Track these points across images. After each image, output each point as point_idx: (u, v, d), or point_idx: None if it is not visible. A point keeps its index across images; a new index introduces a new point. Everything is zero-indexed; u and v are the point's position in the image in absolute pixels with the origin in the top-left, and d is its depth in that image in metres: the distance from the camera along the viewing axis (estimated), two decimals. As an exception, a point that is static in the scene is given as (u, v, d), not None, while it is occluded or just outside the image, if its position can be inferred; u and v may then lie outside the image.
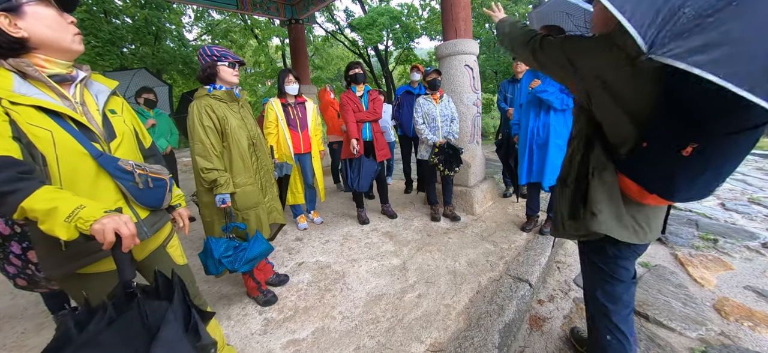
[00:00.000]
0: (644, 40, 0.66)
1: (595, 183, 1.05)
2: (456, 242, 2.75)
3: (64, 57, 0.93)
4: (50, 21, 0.88)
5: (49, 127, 0.87)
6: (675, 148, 0.83)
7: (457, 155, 2.99)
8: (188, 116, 1.79)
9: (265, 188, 2.01)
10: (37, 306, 2.16)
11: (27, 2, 0.84)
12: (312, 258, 2.63)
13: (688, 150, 0.81)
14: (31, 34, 0.85)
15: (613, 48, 0.92)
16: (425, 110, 3.05)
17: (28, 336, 1.91)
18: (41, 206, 0.77)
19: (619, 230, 1.06)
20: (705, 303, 2.00)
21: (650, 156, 0.90)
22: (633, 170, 0.96)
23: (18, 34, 0.84)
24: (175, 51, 11.30)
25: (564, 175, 1.23)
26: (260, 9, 5.73)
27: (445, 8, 3.34)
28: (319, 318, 1.90)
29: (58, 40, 0.90)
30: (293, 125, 2.92)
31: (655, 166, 0.90)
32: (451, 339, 1.69)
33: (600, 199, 1.04)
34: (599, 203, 1.05)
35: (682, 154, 0.82)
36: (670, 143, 0.84)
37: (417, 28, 14.81)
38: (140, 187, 1.03)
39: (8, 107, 0.81)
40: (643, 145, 0.92)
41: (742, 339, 1.69)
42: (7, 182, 0.76)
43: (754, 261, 2.44)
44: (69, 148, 0.89)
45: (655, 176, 0.91)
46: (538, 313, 2.00)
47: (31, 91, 0.86)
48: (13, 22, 0.83)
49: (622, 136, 0.98)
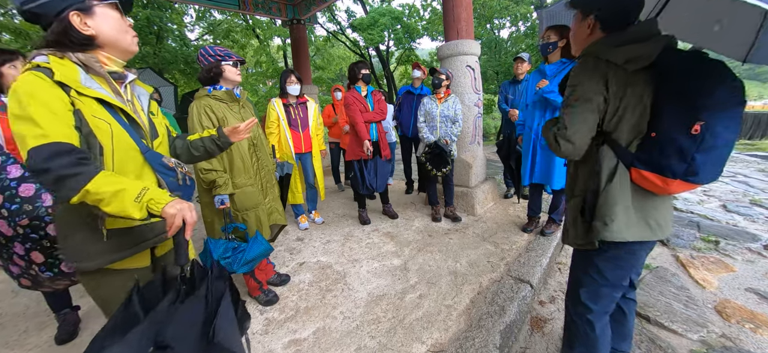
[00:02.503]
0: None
1: (608, 191, 1.05)
2: (457, 243, 2.74)
3: (123, 56, 1.00)
4: (114, 22, 0.95)
5: (108, 120, 0.93)
6: (685, 129, 0.90)
7: (442, 155, 2.98)
8: (188, 116, 1.80)
9: (266, 189, 2.01)
10: (38, 305, 2.16)
11: (97, 3, 0.92)
12: (313, 258, 2.63)
13: (697, 128, 0.88)
14: (98, 33, 0.92)
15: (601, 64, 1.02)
16: (427, 109, 3.06)
17: (30, 335, 1.91)
18: (108, 189, 0.83)
19: (637, 230, 1.07)
20: (706, 305, 1.99)
21: (665, 143, 0.95)
22: (652, 162, 0.98)
23: (87, 32, 0.91)
24: (177, 51, 11.32)
25: (570, 185, 1.23)
26: (262, 9, 5.73)
27: (446, 9, 3.34)
28: (320, 318, 1.91)
29: (119, 40, 0.97)
30: (294, 124, 2.92)
31: (673, 151, 0.93)
32: (452, 339, 1.69)
33: (613, 207, 1.05)
34: (612, 212, 1.05)
35: (694, 133, 0.89)
36: (680, 126, 0.91)
37: (418, 28, 14.82)
38: (179, 183, 1.07)
39: (75, 97, 0.87)
40: (652, 135, 0.98)
41: (744, 342, 1.69)
42: (69, 166, 0.81)
43: (755, 263, 2.43)
44: (123, 141, 0.95)
45: (675, 161, 0.93)
46: (540, 314, 1.99)
47: (93, 84, 0.92)
48: (83, 21, 0.90)
49: (633, 133, 1.03)
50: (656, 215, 1.08)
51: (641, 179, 1.02)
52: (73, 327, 1.88)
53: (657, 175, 0.97)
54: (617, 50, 1.00)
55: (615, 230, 1.05)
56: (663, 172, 0.96)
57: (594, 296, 1.24)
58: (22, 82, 0.81)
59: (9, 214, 1.40)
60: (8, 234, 1.42)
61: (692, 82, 0.90)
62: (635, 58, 0.98)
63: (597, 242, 1.12)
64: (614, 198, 1.05)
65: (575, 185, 1.21)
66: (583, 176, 1.16)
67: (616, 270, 1.18)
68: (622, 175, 1.05)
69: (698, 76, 0.90)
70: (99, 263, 0.97)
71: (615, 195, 1.05)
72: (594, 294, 1.24)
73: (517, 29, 15.03)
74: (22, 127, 0.80)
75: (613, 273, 1.19)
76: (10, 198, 1.40)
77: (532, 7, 13.28)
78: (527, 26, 14.13)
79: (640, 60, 0.98)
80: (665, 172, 0.95)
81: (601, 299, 1.23)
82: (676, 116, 0.93)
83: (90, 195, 0.83)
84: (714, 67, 0.90)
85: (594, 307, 1.24)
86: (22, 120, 0.80)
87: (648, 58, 0.97)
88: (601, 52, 1.04)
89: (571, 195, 1.23)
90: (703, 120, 0.88)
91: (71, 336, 1.84)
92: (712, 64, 0.90)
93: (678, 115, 0.92)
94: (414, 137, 3.93)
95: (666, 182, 0.97)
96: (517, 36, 14.82)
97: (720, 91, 0.88)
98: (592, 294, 1.24)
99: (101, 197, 0.83)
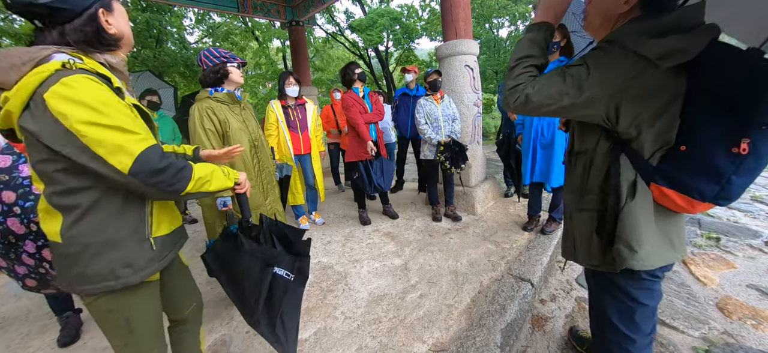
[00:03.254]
0: None
1: (630, 210, 0.90)
2: (457, 242, 2.75)
3: (127, 53, 0.98)
4: (125, 18, 0.91)
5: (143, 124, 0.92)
6: (726, 147, 0.75)
7: (462, 151, 3.00)
8: (189, 118, 1.80)
9: (267, 190, 2.01)
10: (40, 309, 2.17)
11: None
12: (314, 259, 2.63)
13: (744, 147, 0.73)
14: (120, 31, 0.89)
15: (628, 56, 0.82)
16: (427, 111, 3.06)
17: (32, 338, 1.92)
18: (206, 171, 0.96)
19: (663, 254, 0.93)
20: (708, 301, 1.99)
21: (697, 160, 0.80)
22: (677, 180, 0.83)
23: (112, 31, 0.86)
24: (176, 53, 11.33)
25: (576, 196, 1.06)
26: (261, 11, 5.75)
27: (444, 9, 3.34)
28: (321, 318, 1.91)
29: (130, 37, 0.93)
30: (293, 126, 2.93)
31: (706, 170, 0.79)
32: (454, 338, 1.69)
33: (637, 229, 0.90)
34: (637, 235, 0.90)
35: (735, 152, 0.74)
36: (720, 142, 0.76)
37: (417, 28, 14.81)
38: None
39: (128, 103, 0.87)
40: (681, 149, 0.82)
41: (746, 338, 1.69)
42: (176, 159, 0.89)
43: (757, 260, 2.43)
44: None
45: (707, 181, 0.79)
46: (540, 313, 2.00)
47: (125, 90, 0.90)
48: (106, 19, 0.86)
49: (657, 143, 0.86)
50: (677, 232, 0.95)
51: (661, 197, 0.88)
52: (76, 330, 1.88)
53: (682, 195, 0.83)
54: (651, 42, 0.79)
55: (643, 257, 0.90)
56: (690, 193, 0.81)
57: (629, 321, 1.06)
58: (87, 89, 0.76)
59: (22, 211, 1.41)
60: (19, 233, 1.43)
61: (746, 91, 0.73)
62: (673, 53, 0.77)
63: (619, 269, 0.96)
64: (637, 219, 0.90)
65: (584, 196, 1.03)
66: (596, 187, 0.98)
67: (644, 291, 1.03)
68: (644, 191, 0.90)
69: (755, 83, 0.72)
70: (145, 274, 0.93)
71: (637, 215, 0.90)
72: (629, 318, 1.06)
73: (516, 28, 15.03)
74: (111, 136, 0.77)
75: (645, 295, 1.03)
76: (23, 196, 1.41)
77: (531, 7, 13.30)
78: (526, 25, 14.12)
79: (678, 55, 0.77)
80: (693, 193, 0.81)
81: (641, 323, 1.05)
82: (718, 129, 0.76)
83: (199, 180, 0.93)
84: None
85: (635, 336, 1.06)
86: (109, 129, 0.77)
87: (688, 54, 0.76)
88: (632, 40, 0.81)
89: (578, 207, 1.05)
90: (751, 138, 0.72)
91: (73, 339, 1.85)
92: None
93: (720, 128, 0.76)
94: (411, 138, 3.98)
95: (692, 203, 0.83)
96: (515, 35, 14.81)
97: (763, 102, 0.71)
98: (627, 319, 1.06)
99: (207, 179, 0.96)
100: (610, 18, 0.93)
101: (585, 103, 0.87)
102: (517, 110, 0.93)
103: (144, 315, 0.98)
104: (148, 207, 0.95)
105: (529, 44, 0.96)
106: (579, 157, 1.04)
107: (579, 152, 1.04)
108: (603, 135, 0.95)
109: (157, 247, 0.96)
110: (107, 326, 0.95)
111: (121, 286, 0.89)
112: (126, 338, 0.96)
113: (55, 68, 0.76)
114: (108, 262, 0.87)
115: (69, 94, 0.74)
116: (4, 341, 1.91)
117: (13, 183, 1.41)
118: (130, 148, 0.79)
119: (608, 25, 0.94)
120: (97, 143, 0.76)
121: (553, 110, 0.90)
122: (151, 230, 0.94)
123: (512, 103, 0.93)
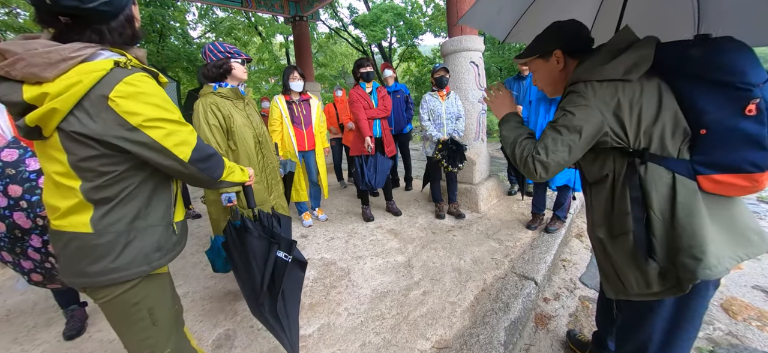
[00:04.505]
0: None
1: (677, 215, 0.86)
2: (461, 240, 2.74)
3: None
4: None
5: None
6: (738, 111, 0.78)
7: (460, 151, 2.98)
8: (194, 113, 1.80)
9: (271, 186, 2.01)
10: (46, 301, 2.19)
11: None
12: (317, 255, 2.64)
13: (752, 108, 0.76)
14: (140, 24, 0.91)
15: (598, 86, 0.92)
16: (431, 107, 3.04)
17: (39, 331, 1.94)
18: (229, 163, 1.08)
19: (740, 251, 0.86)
20: (713, 302, 1.98)
21: (725, 136, 0.81)
22: (722, 163, 0.82)
23: (138, 26, 0.89)
24: (180, 48, 11.33)
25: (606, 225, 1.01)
26: (264, 6, 5.73)
27: (450, 4, 3.31)
28: (324, 314, 1.91)
29: None
30: (297, 122, 2.92)
31: (740, 141, 0.79)
32: (457, 336, 1.69)
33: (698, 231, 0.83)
34: (697, 238, 0.83)
35: (746, 114, 0.77)
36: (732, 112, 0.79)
37: (421, 24, 14.73)
38: None
39: None
40: (702, 132, 0.84)
41: (751, 339, 1.68)
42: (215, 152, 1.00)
43: (762, 261, 2.41)
44: None
45: (750, 150, 0.78)
46: (544, 311, 1.99)
47: None
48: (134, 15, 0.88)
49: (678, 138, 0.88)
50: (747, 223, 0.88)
51: (717, 186, 0.84)
52: (81, 323, 1.90)
53: (737, 175, 0.81)
54: (607, 67, 0.90)
55: (713, 263, 0.82)
56: (743, 167, 0.79)
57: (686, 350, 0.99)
58: (151, 87, 0.82)
59: (28, 206, 1.41)
60: (26, 227, 1.43)
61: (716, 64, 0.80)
62: (634, 66, 0.88)
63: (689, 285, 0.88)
64: (690, 219, 0.84)
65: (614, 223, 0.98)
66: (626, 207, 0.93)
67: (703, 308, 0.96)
68: (685, 187, 0.86)
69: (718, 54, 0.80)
70: (170, 257, 0.99)
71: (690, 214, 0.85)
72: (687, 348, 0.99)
73: (521, 25, 14.88)
74: (177, 129, 0.86)
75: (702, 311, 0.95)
76: (30, 190, 1.42)
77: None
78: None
79: (640, 65, 0.88)
80: (745, 166, 0.79)
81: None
82: (721, 101, 0.80)
83: (228, 169, 1.05)
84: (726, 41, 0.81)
85: None
86: (173, 123, 0.85)
87: (648, 60, 0.88)
88: (591, 75, 0.93)
89: (610, 235, 1.00)
90: (757, 96, 0.75)
91: (79, 332, 1.86)
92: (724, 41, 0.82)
93: (721, 101, 0.80)
94: (396, 135, 3.95)
95: (752, 178, 0.79)
96: (520, 32, 14.67)
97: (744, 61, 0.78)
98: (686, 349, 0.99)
99: (232, 170, 1.08)
100: (557, 79, 1.11)
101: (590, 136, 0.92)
102: (545, 178, 0.98)
103: (164, 305, 1.02)
104: (174, 193, 1.00)
105: (512, 130, 1.09)
106: (598, 185, 1.03)
107: (596, 181, 1.03)
108: (617, 155, 0.95)
109: (178, 231, 1.02)
110: (130, 321, 0.94)
111: (149, 271, 0.93)
112: (148, 330, 0.97)
113: (108, 67, 0.76)
114: (141, 248, 0.90)
115: (135, 93, 0.78)
116: (11, 333, 1.93)
117: (20, 177, 1.41)
118: (189, 139, 0.89)
119: (561, 82, 1.09)
120: (166, 136, 0.83)
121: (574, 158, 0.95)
122: (173, 217, 0.99)
123: (537, 177, 0.98)
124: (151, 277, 0.95)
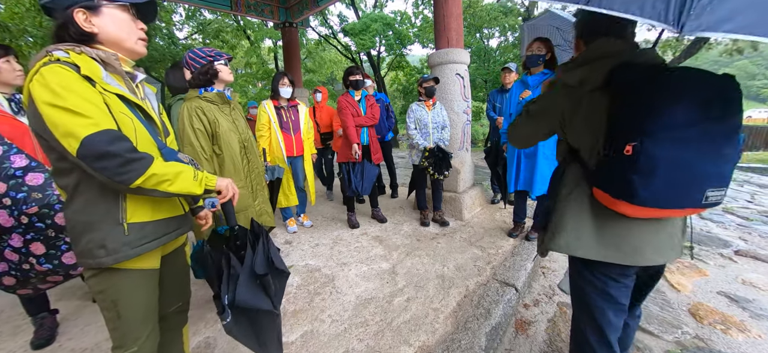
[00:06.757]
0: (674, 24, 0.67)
1: (564, 202, 1.09)
2: (445, 247, 2.78)
3: (129, 56, 1.02)
4: (122, 24, 0.96)
5: (130, 116, 0.95)
6: (621, 149, 0.87)
7: (446, 159, 3.05)
8: (178, 118, 1.78)
9: (256, 191, 2.00)
10: (12, 309, 2.08)
11: (106, 4, 0.93)
12: (301, 262, 2.62)
13: (628, 149, 0.84)
14: (101, 31, 0.94)
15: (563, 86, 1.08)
16: (417, 116, 3.10)
17: (3, 340, 1.84)
18: (170, 170, 0.94)
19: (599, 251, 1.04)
20: (681, 307, 2.08)
21: (611, 162, 0.92)
22: (602, 180, 0.97)
23: (89, 29, 0.92)
24: (165, 49, 11.11)
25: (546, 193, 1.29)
26: (254, 11, 5.71)
27: (437, 18, 3.41)
28: (308, 321, 1.90)
29: (123, 40, 0.98)
30: (286, 127, 2.92)
31: (615, 171, 0.91)
32: (439, 342, 1.71)
33: (566, 219, 1.08)
34: (563, 222, 1.09)
35: (625, 153, 0.85)
36: (617, 146, 0.88)
37: (409, 35, 14.98)
38: None
39: (102, 92, 0.89)
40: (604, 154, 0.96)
41: (715, 342, 1.77)
42: (132, 150, 0.87)
43: (727, 268, 2.56)
44: (144, 137, 0.97)
45: (617, 181, 0.91)
46: (524, 317, 2.04)
47: (113, 81, 0.94)
48: (88, 18, 0.91)
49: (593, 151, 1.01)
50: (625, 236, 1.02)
51: (600, 197, 1.00)
52: (51, 332, 1.82)
53: (603, 192, 0.96)
54: (574, 72, 1.04)
55: (561, 244, 1.08)
56: (608, 190, 0.94)
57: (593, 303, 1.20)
58: (53, 74, 0.81)
59: (12, 203, 1.36)
60: (6, 225, 1.38)
61: (636, 102, 0.86)
62: (586, 80, 1.00)
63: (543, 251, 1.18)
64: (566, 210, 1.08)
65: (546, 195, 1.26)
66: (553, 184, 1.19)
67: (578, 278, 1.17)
68: (582, 191, 1.05)
69: (649, 94, 0.84)
70: (118, 258, 0.94)
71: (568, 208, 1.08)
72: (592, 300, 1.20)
73: (506, 39, 15.41)
74: (63, 118, 0.80)
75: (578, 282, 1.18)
76: (15, 187, 1.37)
77: (520, 19, 13.65)
78: (515, 37, 14.52)
79: (590, 81, 0.99)
80: (610, 190, 0.94)
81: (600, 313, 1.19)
82: (618, 135, 0.89)
83: (154, 177, 0.90)
84: (679, 82, 0.82)
85: None
86: (62, 111, 0.80)
87: (594, 82, 0.98)
88: (563, 71, 1.09)
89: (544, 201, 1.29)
90: (636, 141, 0.83)
91: (49, 341, 1.78)
92: (676, 79, 0.83)
93: (618, 134, 0.89)
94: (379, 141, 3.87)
95: (611, 201, 0.95)
96: (505, 46, 15.20)
97: (673, 110, 0.80)
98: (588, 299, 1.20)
99: (166, 178, 0.92)
100: None
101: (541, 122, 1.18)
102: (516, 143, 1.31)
103: (133, 301, 1.00)
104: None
105: None
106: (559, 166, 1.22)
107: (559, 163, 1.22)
108: (567, 148, 1.14)
109: (131, 233, 0.96)
110: (100, 305, 1.01)
111: (97, 266, 0.94)
112: (115, 322, 1.00)
113: (43, 63, 0.83)
114: (87, 241, 0.93)
115: (40, 80, 0.81)
116: (-27, 342, 1.83)
117: (4, 174, 1.36)
118: (76, 131, 0.81)
119: None
120: (53, 124, 0.81)
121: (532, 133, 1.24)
122: (125, 215, 0.95)
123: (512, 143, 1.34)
124: (114, 271, 0.96)
